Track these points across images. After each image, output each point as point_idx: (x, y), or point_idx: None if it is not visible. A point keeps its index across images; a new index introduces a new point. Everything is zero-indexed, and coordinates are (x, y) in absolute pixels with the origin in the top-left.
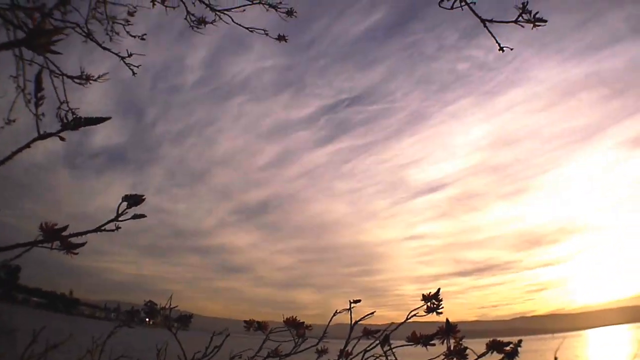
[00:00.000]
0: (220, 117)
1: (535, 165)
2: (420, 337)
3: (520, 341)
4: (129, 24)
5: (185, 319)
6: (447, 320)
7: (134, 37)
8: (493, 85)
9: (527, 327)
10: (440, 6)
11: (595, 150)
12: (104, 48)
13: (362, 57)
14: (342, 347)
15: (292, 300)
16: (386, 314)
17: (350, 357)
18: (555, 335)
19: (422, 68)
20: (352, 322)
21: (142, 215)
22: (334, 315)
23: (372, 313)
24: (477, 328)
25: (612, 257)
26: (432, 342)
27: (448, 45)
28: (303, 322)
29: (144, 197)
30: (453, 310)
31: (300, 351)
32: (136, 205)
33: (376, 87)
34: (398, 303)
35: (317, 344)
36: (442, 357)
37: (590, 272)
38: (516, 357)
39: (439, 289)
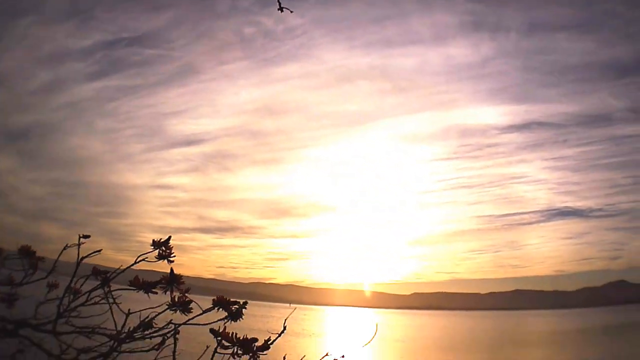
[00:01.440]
0: (4, 36)
1: (297, 139)
2: (142, 284)
3: (245, 302)
4: None
5: None
6: (171, 269)
7: None
8: (274, 54)
9: (264, 294)
10: None
11: (362, 138)
12: None
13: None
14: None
15: (38, 232)
16: (126, 259)
17: (79, 294)
18: (292, 305)
19: (208, 23)
20: (79, 259)
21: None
22: (64, 249)
23: (99, 251)
24: (214, 286)
25: (356, 241)
26: (155, 290)
27: (241, 7)
28: (35, 252)
29: None
30: (191, 265)
31: (31, 282)
32: None
33: (159, 32)
34: (139, 249)
35: (47, 276)
36: (166, 306)
37: (332, 251)
38: (240, 318)
39: (169, 237)
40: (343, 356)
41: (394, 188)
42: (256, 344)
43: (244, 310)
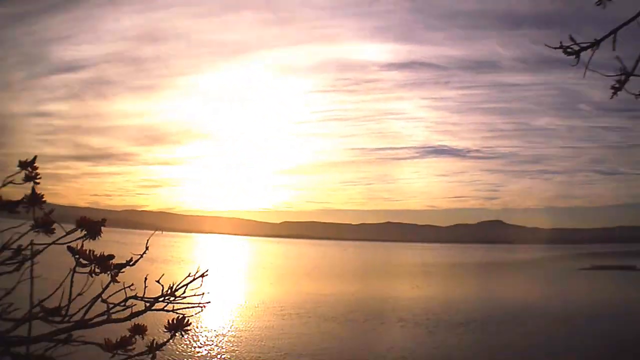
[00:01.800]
0: None
1: (175, 67)
2: (4, 203)
3: (104, 220)
4: None
5: None
6: (32, 189)
7: None
8: None
9: (137, 221)
10: None
11: (241, 68)
12: None
13: None
14: None
15: None
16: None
17: None
18: (164, 233)
19: None
20: None
21: None
22: None
23: None
24: (89, 215)
25: (228, 169)
26: (17, 209)
27: None
28: None
29: None
30: (67, 194)
31: None
32: None
33: None
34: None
35: None
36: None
37: (205, 179)
38: (98, 236)
39: (35, 157)
40: (206, 272)
41: (270, 118)
42: (113, 261)
43: (102, 228)
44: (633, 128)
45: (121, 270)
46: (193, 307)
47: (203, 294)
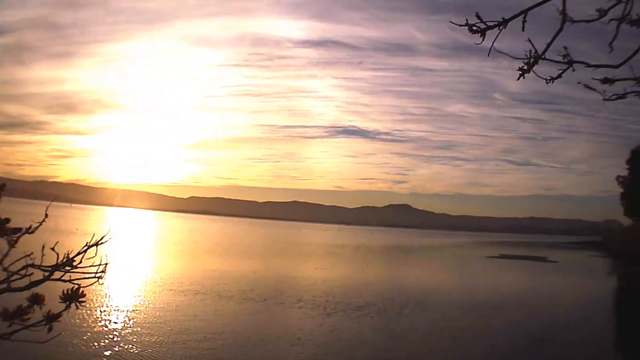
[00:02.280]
0: None
1: (92, 34)
2: None
3: (3, 185)
4: None
5: None
6: None
7: None
8: None
9: (47, 192)
10: None
11: (156, 37)
12: None
13: None
14: None
15: None
16: None
17: None
18: (74, 206)
19: None
20: None
21: None
22: None
23: None
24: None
25: (138, 141)
26: None
27: None
28: None
29: None
30: None
31: None
32: None
33: None
34: None
35: None
36: None
37: (115, 150)
38: None
39: None
40: (101, 240)
41: (181, 90)
42: (9, 225)
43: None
44: (548, 120)
45: (18, 236)
46: (90, 277)
47: (102, 264)
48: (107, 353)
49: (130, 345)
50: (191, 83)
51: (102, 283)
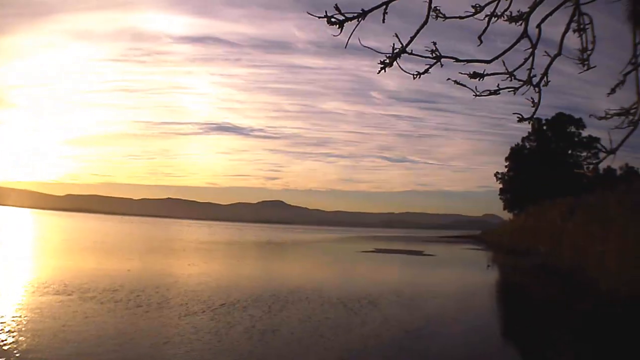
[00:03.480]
0: None
1: None
2: None
3: None
4: None
5: None
6: None
7: None
8: None
9: None
10: None
11: (38, 30)
12: None
13: None
14: None
15: None
16: None
17: None
18: None
19: None
20: None
21: None
22: None
23: None
24: None
25: (14, 138)
26: None
27: None
28: None
29: None
30: None
31: None
32: None
33: None
34: None
35: None
36: None
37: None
38: None
39: None
40: None
41: (63, 85)
42: None
43: None
44: (425, 118)
45: None
46: None
47: None
48: None
49: None
50: (73, 78)
51: None
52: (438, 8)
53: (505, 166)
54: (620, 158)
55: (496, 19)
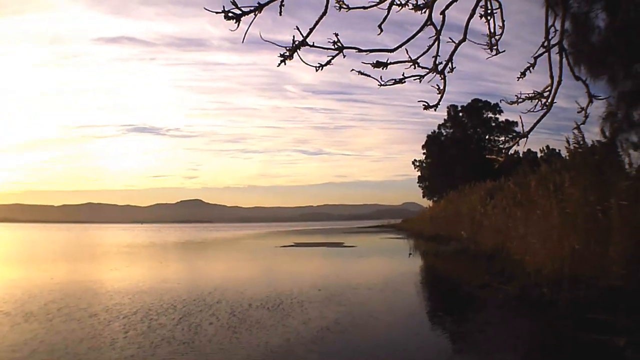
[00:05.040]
0: None
1: None
2: None
3: None
4: None
5: None
6: None
7: None
8: None
9: None
10: None
11: None
12: None
13: None
14: None
15: None
16: None
17: None
18: None
19: None
20: None
21: None
22: None
23: None
24: None
25: None
26: None
27: None
28: None
29: None
30: None
31: None
32: None
33: None
34: None
35: None
36: None
37: None
38: None
39: None
40: None
41: None
42: None
43: None
44: (341, 110)
45: None
46: None
47: None
48: None
49: None
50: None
51: None
52: None
53: (423, 153)
54: (543, 140)
55: (400, 7)
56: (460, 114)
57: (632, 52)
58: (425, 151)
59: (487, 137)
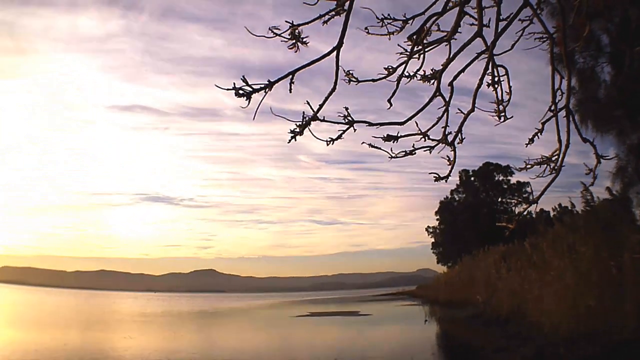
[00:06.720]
0: None
1: None
2: None
3: None
4: None
5: None
6: None
7: None
8: None
9: None
10: None
11: None
12: None
13: None
14: None
15: None
16: None
17: None
18: None
19: None
20: None
21: None
22: None
23: None
24: None
25: None
26: None
27: None
28: None
29: None
30: None
31: None
32: None
33: None
34: None
35: None
36: None
37: None
38: None
39: None
40: None
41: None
42: None
43: None
44: (354, 179)
45: None
46: None
47: None
48: None
49: None
50: None
51: None
52: (351, 72)
53: (436, 219)
54: (555, 199)
55: (409, 79)
56: (472, 178)
57: (638, 104)
58: (438, 217)
59: (499, 199)
